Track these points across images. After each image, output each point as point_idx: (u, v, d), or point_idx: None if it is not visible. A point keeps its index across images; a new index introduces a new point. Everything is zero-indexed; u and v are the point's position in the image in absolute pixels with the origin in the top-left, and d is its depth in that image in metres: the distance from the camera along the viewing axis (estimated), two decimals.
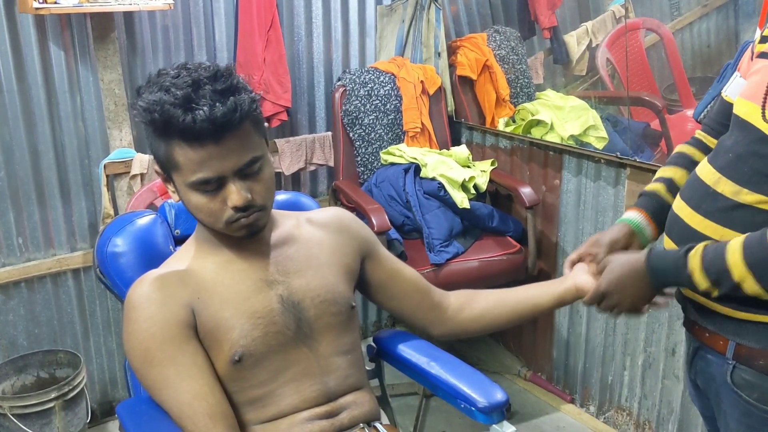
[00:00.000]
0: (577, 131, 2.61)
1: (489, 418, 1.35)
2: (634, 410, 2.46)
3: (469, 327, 1.47)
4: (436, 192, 2.57)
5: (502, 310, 1.44)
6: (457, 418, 2.54)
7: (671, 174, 1.40)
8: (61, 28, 2.30)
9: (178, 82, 1.13)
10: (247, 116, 1.16)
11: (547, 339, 2.77)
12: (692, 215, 1.21)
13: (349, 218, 1.47)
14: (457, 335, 1.50)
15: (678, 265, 1.16)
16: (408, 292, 1.47)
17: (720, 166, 1.19)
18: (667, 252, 1.22)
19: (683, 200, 1.25)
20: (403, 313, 1.49)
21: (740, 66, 1.31)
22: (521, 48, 2.98)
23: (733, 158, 1.16)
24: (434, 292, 1.48)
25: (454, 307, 1.47)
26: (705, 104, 1.67)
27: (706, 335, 1.23)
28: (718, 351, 1.21)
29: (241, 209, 1.19)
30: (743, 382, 1.17)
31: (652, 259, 1.22)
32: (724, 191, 1.16)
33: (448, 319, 1.46)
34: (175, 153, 1.16)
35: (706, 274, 1.12)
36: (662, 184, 1.39)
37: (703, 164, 1.24)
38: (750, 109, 1.15)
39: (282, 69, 2.63)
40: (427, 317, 1.47)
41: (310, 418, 1.28)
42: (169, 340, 1.20)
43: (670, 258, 1.19)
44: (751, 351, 1.15)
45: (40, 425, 2.20)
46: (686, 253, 1.15)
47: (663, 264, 1.20)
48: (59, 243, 2.45)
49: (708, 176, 1.20)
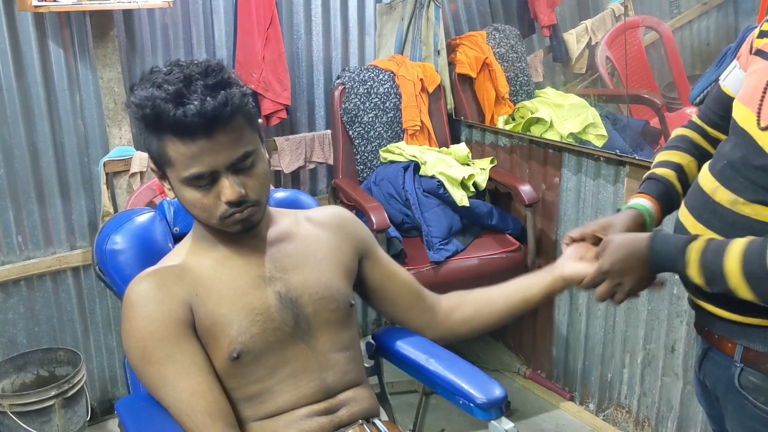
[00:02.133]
0: (577, 129, 2.60)
1: (487, 414, 1.35)
2: (634, 408, 2.46)
3: (459, 330, 1.46)
4: (435, 190, 2.57)
5: (492, 309, 1.43)
6: (456, 415, 2.55)
7: (679, 160, 1.36)
8: (61, 27, 2.30)
9: (170, 79, 1.13)
10: (238, 110, 1.15)
11: (546, 337, 2.77)
12: (695, 225, 1.20)
13: (348, 217, 1.47)
14: (449, 339, 1.48)
15: (677, 254, 1.15)
16: (401, 294, 1.46)
17: (718, 174, 1.17)
18: (669, 237, 1.20)
19: (687, 208, 1.24)
20: (394, 315, 1.49)
21: (740, 54, 1.28)
22: (521, 46, 2.98)
23: (729, 166, 1.15)
24: (426, 295, 1.47)
25: (445, 310, 1.46)
26: (702, 88, 1.64)
27: (715, 338, 1.23)
28: (726, 353, 1.20)
29: (234, 204, 1.19)
30: (750, 385, 1.17)
31: (654, 242, 1.19)
32: (721, 200, 1.15)
33: (439, 323, 1.46)
34: (168, 148, 1.16)
35: (701, 270, 1.12)
36: (672, 171, 1.35)
37: (704, 171, 1.23)
38: (746, 115, 1.13)
39: (281, 67, 2.63)
40: (418, 321, 1.47)
41: (309, 414, 1.28)
42: (168, 338, 1.20)
43: (671, 244, 1.17)
44: (758, 354, 1.15)
45: (40, 423, 2.20)
46: (687, 244, 1.14)
47: (664, 249, 1.18)
48: (59, 241, 2.45)
49: (707, 185, 1.19)
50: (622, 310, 2.41)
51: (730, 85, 1.27)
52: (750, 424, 1.19)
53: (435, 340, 1.48)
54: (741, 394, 1.19)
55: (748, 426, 1.20)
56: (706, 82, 1.54)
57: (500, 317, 1.43)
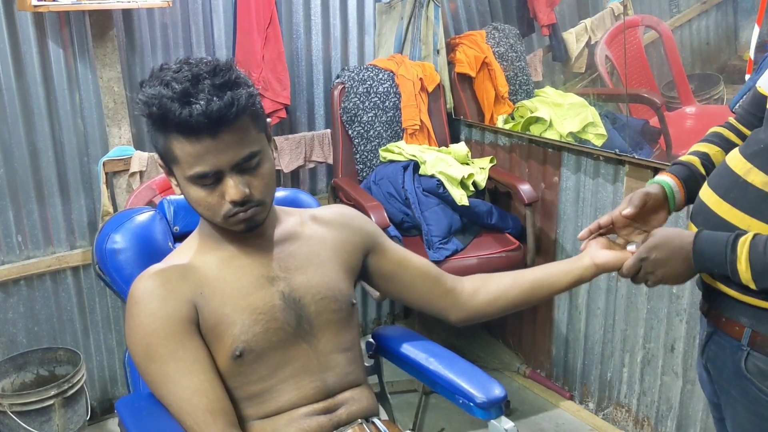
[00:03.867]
0: (576, 128, 2.61)
1: (487, 414, 1.35)
2: (633, 407, 2.47)
3: (485, 310, 1.46)
4: (435, 189, 2.57)
5: (518, 291, 1.43)
6: (456, 415, 2.55)
7: (706, 149, 1.38)
8: (60, 26, 2.30)
9: (178, 77, 1.13)
10: (244, 111, 1.15)
11: (546, 336, 2.77)
12: (719, 203, 1.21)
13: (352, 214, 1.47)
14: (474, 320, 1.48)
15: (723, 251, 1.14)
16: (418, 280, 1.46)
17: (751, 157, 1.19)
18: (714, 235, 1.19)
19: (710, 188, 1.25)
20: (416, 302, 1.48)
21: None
22: (520, 45, 2.98)
23: (766, 150, 1.16)
24: (446, 278, 1.47)
25: (468, 291, 1.45)
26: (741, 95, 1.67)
27: (723, 320, 1.24)
28: (733, 337, 1.21)
29: (238, 204, 1.19)
30: (756, 369, 1.18)
31: (699, 241, 1.19)
32: (754, 181, 1.16)
33: (462, 303, 1.45)
34: (174, 147, 1.16)
35: (750, 265, 1.11)
36: (697, 158, 1.37)
37: (734, 154, 1.24)
38: None
39: (281, 66, 2.63)
40: (441, 304, 1.46)
41: (309, 413, 1.28)
42: (171, 335, 1.20)
43: (718, 242, 1.16)
44: (766, 339, 1.16)
45: (40, 422, 2.20)
46: (735, 240, 1.13)
47: (709, 249, 1.17)
48: (58, 241, 2.45)
49: (738, 166, 1.20)
50: (622, 309, 2.42)
51: (765, 85, 1.29)
52: (754, 408, 1.20)
53: (459, 322, 1.47)
54: (747, 378, 1.19)
55: (752, 410, 1.20)
56: (745, 88, 1.58)
57: (525, 299, 1.44)
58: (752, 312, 1.17)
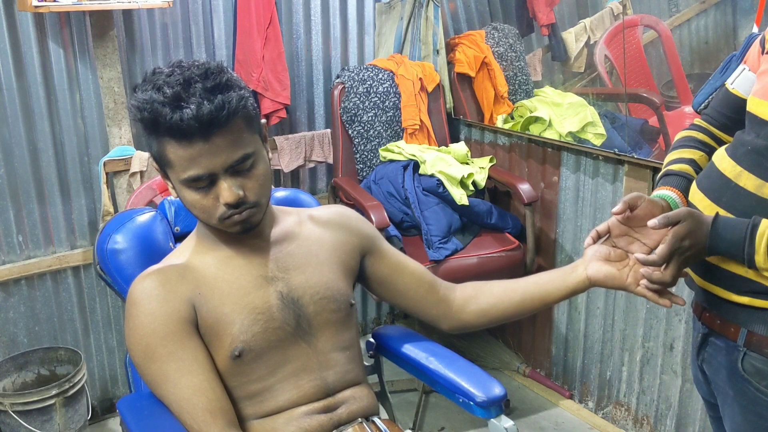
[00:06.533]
0: (576, 128, 2.61)
1: (487, 413, 1.35)
2: (633, 405, 2.47)
3: (475, 322, 1.44)
4: (434, 189, 2.58)
5: (508, 304, 1.40)
6: (456, 414, 2.55)
7: (691, 155, 1.35)
8: (60, 26, 2.31)
9: (170, 81, 1.13)
10: (235, 114, 1.15)
11: (545, 335, 2.78)
12: (711, 207, 1.20)
13: (350, 215, 1.47)
14: (465, 330, 1.48)
15: (743, 235, 1.11)
16: (412, 286, 1.45)
17: (741, 160, 1.18)
18: (732, 219, 1.15)
19: (701, 191, 1.24)
20: (409, 308, 1.48)
21: (747, 58, 1.30)
22: (519, 45, 2.98)
23: (754, 153, 1.16)
24: (439, 286, 1.46)
25: (459, 303, 1.44)
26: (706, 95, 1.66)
27: (718, 322, 1.23)
28: (729, 338, 1.21)
29: (232, 206, 1.19)
30: (753, 369, 1.18)
31: (718, 224, 1.14)
32: (746, 185, 1.16)
33: (453, 314, 1.44)
34: (167, 151, 1.17)
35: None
36: (689, 166, 1.34)
37: (721, 156, 1.23)
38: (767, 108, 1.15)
39: (281, 66, 2.63)
40: (432, 312, 1.46)
41: (309, 412, 1.28)
42: (170, 335, 1.21)
43: (737, 226, 1.13)
44: (762, 339, 1.16)
45: (41, 422, 2.21)
46: (754, 225, 1.11)
47: (728, 231, 1.13)
48: (59, 240, 2.45)
49: (729, 169, 1.20)
50: (621, 308, 2.42)
51: (740, 87, 1.29)
52: (752, 408, 1.20)
53: (450, 331, 1.47)
54: (744, 378, 1.20)
55: (750, 410, 1.21)
56: (710, 88, 1.55)
57: (516, 312, 1.41)
58: (747, 312, 1.17)
